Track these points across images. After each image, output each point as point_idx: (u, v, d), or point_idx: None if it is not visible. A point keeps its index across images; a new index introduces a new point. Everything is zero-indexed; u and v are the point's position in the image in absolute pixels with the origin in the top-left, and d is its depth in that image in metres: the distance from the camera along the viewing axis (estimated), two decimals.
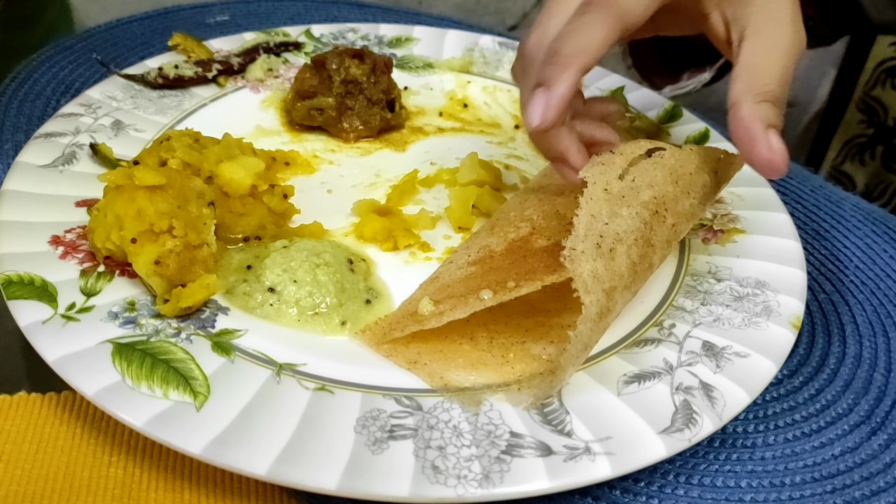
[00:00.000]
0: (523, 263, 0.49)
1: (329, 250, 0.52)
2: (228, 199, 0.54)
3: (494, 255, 0.51)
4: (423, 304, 0.48)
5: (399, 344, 0.48)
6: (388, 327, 0.49)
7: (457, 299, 0.48)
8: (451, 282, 0.50)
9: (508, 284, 0.47)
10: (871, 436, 0.49)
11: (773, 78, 0.47)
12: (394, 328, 0.48)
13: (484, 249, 0.52)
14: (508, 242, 0.52)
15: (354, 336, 0.48)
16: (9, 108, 0.68)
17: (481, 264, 0.51)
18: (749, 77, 0.47)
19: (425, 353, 0.47)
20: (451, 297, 0.49)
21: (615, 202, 0.47)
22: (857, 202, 0.70)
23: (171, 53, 0.73)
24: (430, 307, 0.48)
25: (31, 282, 0.47)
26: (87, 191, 0.55)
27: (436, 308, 0.48)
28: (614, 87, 0.76)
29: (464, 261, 0.52)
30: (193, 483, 0.42)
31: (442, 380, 0.46)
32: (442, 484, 0.39)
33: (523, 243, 0.52)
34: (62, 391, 0.46)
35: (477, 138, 0.71)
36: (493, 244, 0.52)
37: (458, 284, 0.50)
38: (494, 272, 0.49)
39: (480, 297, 0.47)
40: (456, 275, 0.51)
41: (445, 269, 0.52)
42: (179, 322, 0.47)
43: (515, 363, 0.47)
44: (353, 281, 0.51)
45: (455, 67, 0.78)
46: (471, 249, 0.53)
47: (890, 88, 1.16)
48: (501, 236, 0.53)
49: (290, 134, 0.68)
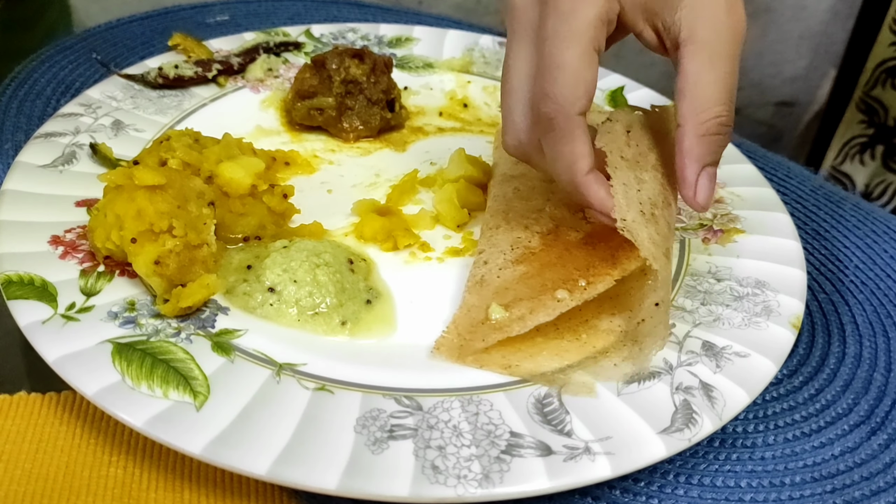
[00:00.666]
0: (573, 258, 0.51)
1: (329, 250, 0.52)
2: (228, 199, 0.54)
3: (535, 251, 0.52)
4: (494, 310, 0.48)
5: (482, 353, 0.47)
6: (463, 339, 0.48)
7: (530, 301, 0.48)
8: (507, 284, 0.50)
9: (580, 283, 0.48)
10: (870, 436, 0.49)
11: (717, 96, 0.45)
12: (471, 339, 0.48)
13: (519, 246, 0.52)
14: (541, 237, 0.53)
15: (433, 355, 0.48)
16: (9, 108, 0.68)
17: (528, 262, 0.51)
18: (693, 96, 0.45)
19: (509, 355, 0.47)
20: (519, 299, 0.49)
21: (634, 168, 0.48)
22: (857, 202, 0.70)
23: (171, 53, 0.73)
24: (502, 313, 0.48)
25: (31, 282, 0.47)
26: (87, 191, 0.55)
27: (510, 314, 0.48)
28: (614, 87, 0.76)
29: (503, 260, 0.52)
30: (193, 483, 0.42)
31: (543, 376, 0.46)
32: (442, 484, 0.39)
33: (555, 238, 0.53)
34: (62, 391, 0.46)
35: (477, 138, 0.71)
36: (525, 240, 0.53)
37: (518, 286, 0.50)
38: (549, 269, 0.50)
39: (557, 298, 0.48)
40: (507, 276, 0.51)
41: (487, 271, 0.52)
42: (179, 322, 0.47)
43: (592, 341, 0.48)
44: (354, 281, 0.51)
45: (455, 67, 0.78)
46: (500, 247, 0.53)
47: (890, 88, 1.16)
48: (527, 231, 0.53)
49: (290, 134, 0.68)
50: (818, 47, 1.38)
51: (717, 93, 0.45)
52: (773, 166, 0.73)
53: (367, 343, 0.49)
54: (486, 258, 0.53)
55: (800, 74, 1.40)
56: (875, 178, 1.20)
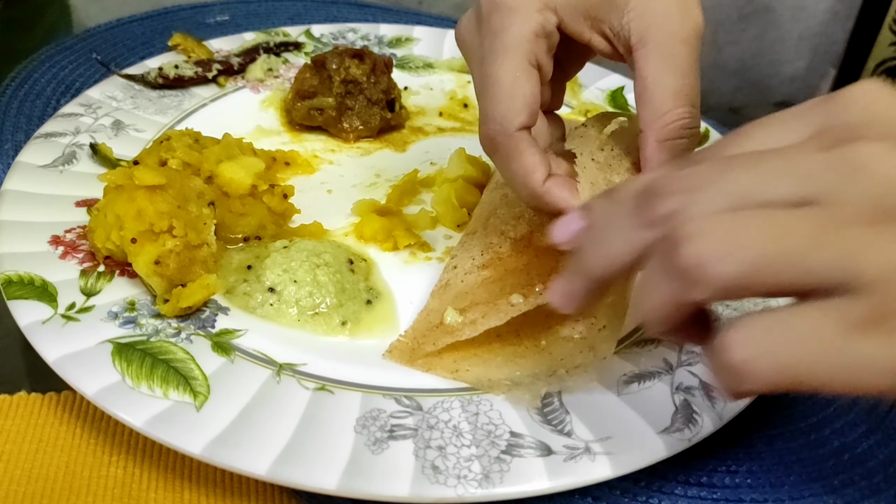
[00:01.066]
0: (539, 264, 0.49)
1: (329, 250, 0.52)
2: (228, 199, 0.54)
3: (503, 256, 0.51)
4: (449, 314, 0.48)
5: (433, 357, 0.47)
6: (416, 342, 0.48)
7: (484, 306, 0.48)
8: (468, 288, 0.50)
9: (537, 289, 0.47)
10: (869, 434, 0.49)
11: (676, 98, 0.43)
12: (423, 343, 0.48)
13: (489, 251, 0.52)
14: (512, 242, 0.52)
15: (385, 357, 0.48)
16: (9, 108, 0.68)
17: (493, 267, 0.51)
18: (651, 100, 0.43)
19: (461, 360, 0.47)
20: (475, 304, 0.48)
21: (605, 170, 0.47)
22: None
23: (171, 53, 0.73)
24: (457, 317, 0.48)
25: (31, 282, 0.47)
26: (87, 191, 0.55)
27: (464, 318, 0.48)
28: (614, 87, 0.76)
29: (470, 265, 0.52)
30: (193, 483, 0.42)
31: (490, 382, 0.45)
32: (442, 484, 0.39)
33: (527, 244, 0.52)
34: (62, 391, 0.46)
35: (477, 138, 0.71)
36: (496, 245, 0.52)
37: (477, 291, 0.49)
38: (512, 275, 0.49)
39: (511, 303, 0.47)
40: (470, 280, 0.50)
41: (454, 276, 0.52)
42: (179, 322, 0.47)
43: (551, 348, 0.47)
44: (354, 281, 0.51)
45: (455, 67, 0.78)
46: (472, 252, 0.53)
47: None
48: (501, 236, 0.53)
49: (290, 134, 0.68)
50: (818, 47, 1.38)
51: (675, 95, 0.43)
52: None
53: (367, 343, 0.49)
54: (456, 263, 0.53)
55: (799, 74, 1.40)
56: None
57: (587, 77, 0.77)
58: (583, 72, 0.78)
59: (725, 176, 0.31)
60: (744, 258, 0.29)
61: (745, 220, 0.29)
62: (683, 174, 0.32)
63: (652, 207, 0.32)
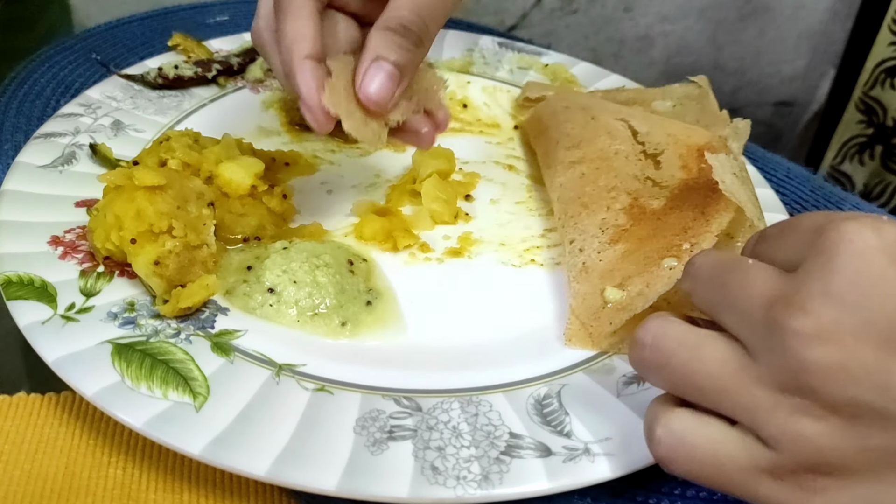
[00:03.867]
0: (667, 225, 0.51)
1: (329, 251, 0.52)
2: (228, 200, 0.54)
3: (626, 227, 0.52)
4: (610, 292, 0.49)
5: (612, 337, 0.48)
6: (589, 327, 0.49)
7: (640, 277, 0.48)
8: (611, 265, 0.51)
9: (684, 247, 0.48)
10: None
11: (406, 4, 0.47)
12: (599, 325, 0.48)
13: (608, 228, 0.53)
14: (626, 214, 0.53)
15: (568, 346, 0.49)
16: (9, 108, 0.68)
17: (624, 240, 0.51)
18: (387, 8, 0.47)
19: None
20: (629, 277, 0.49)
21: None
22: (857, 202, 0.70)
23: (171, 53, 0.73)
24: (619, 294, 0.48)
25: (31, 282, 0.47)
26: (86, 191, 0.55)
27: (627, 292, 0.48)
28: (614, 87, 0.76)
29: (598, 243, 0.52)
30: (193, 483, 0.42)
31: None
32: (441, 485, 0.39)
33: (640, 211, 0.53)
34: (61, 392, 0.46)
35: (476, 138, 0.71)
36: (612, 220, 0.53)
37: (623, 265, 0.50)
38: (649, 241, 0.50)
39: (668, 266, 0.48)
40: (609, 257, 0.51)
41: (588, 258, 0.52)
42: (179, 322, 0.47)
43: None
44: (354, 282, 0.51)
45: (455, 68, 0.78)
46: (591, 232, 0.53)
47: (889, 88, 1.16)
48: (608, 211, 0.54)
49: (290, 134, 0.68)
50: (817, 47, 1.38)
51: (407, 3, 0.47)
52: (773, 167, 0.73)
53: (366, 344, 0.49)
54: (581, 245, 0.53)
55: (799, 74, 1.40)
56: (874, 178, 1.20)
57: (587, 77, 0.78)
58: (583, 72, 0.79)
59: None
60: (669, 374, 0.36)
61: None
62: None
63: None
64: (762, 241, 0.37)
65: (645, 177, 0.55)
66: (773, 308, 0.32)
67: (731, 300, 0.34)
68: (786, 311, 0.31)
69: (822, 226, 0.32)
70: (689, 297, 0.38)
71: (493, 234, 0.59)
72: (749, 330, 0.33)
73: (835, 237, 0.31)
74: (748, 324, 0.33)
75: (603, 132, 0.59)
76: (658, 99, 0.62)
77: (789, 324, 0.31)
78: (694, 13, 1.29)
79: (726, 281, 0.35)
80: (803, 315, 0.31)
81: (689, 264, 0.38)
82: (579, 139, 0.60)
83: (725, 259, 0.36)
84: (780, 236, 0.36)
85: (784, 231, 0.35)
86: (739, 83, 1.42)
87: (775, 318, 0.31)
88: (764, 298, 0.32)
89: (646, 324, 0.36)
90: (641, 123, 0.59)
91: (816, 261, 0.31)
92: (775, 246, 0.35)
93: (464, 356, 0.49)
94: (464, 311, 0.52)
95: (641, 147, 0.58)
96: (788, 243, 0.35)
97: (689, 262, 0.38)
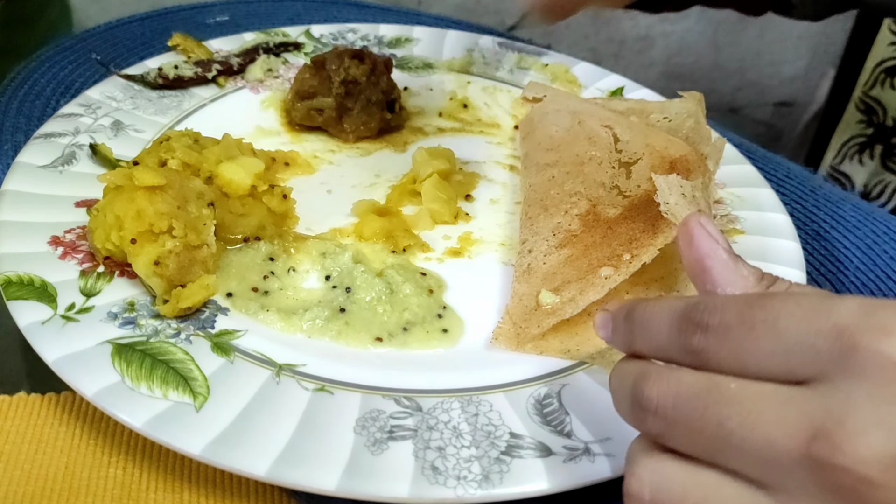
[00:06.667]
0: (615, 235, 0.51)
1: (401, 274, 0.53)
2: (228, 200, 0.54)
3: (577, 233, 0.52)
4: (544, 296, 0.49)
5: (539, 340, 0.48)
6: (518, 328, 0.49)
7: (577, 283, 0.49)
8: (553, 269, 0.51)
9: (624, 258, 0.48)
10: None
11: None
12: (526, 327, 0.49)
13: (560, 231, 0.53)
14: (580, 220, 0.53)
15: (492, 345, 0.49)
16: (9, 108, 0.68)
17: (571, 245, 0.52)
18: None
19: (567, 340, 0.48)
20: (567, 282, 0.49)
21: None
22: (856, 202, 0.70)
23: (171, 53, 0.73)
24: (553, 298, 0.49)
25: (31, 282, 0.47)
26: (86, 191, 0.55)
27: (561, 297, 0.49)
28: (614, 87, 0.76)
29: (546, 246, 0.52)
30: (193, 483, 0.42)
31: (604, 357, 0.46)
32: (441, 485, 0.39)
33: (595, 218, 0.53)
34: (62, 391, 0.46)
35: (476, 138, 0.71)
36: (565, 224, 0.53)
37: (564, 269, 0.50)
38: (594, 249, 0.51)
39: (604, 276, 0.48)
40: (553, 261, 0.51)
41: (533, 259, 0.52)
42: (179, 322, 0.47)
43: None
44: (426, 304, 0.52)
45: (455, 68, 0.78)
46: (542, 234, 0.53)
47: (889, 88, 1.16)
48: (565, 215, 0.54)
49: (290, 134, 0.68)
50: (817, 47, 1.38)
51: None
52: (773, 166, 0.73)
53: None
54: (530, 247, 0.53)
55: (799, 74, 1.40)
56: (874, 177, 1.20)
57: (587, 77, 0.78)
58: (583, 72, 0.79)
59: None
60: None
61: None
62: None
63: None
64: (723, 339, 0.30)
65: (612, 185, 0.55)
66: (812, 445, 0.27)
67: (736, 442, 0.29)
68: (834, 451, 0.26)
69: (841, 334, 0.28)
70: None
71: (493, 234, 0.59)
72: (774, 472, 0.28)
73: (875, 357, 0.27)
74: (771, 466, 0.28)
75: (584, 137, 0.59)
76: (656, 112, 0.62)
77: (839, 461, 0.26)
78: (694, 14, 1.29)
79: (720, 419, 0.29)
80: (858, 450, 0.26)
81: (645, 399, 0.31)
82: (559, 142, 0.60)
83: (698, 388, 0.30)
84: (753, 338, 0.29)
85: (758, 332, 0.29)
86: (739, 83, 1.42)
87: (820, 457, 0.27)
88: (792, 438, 0.27)
89: (636, 471, 0.32)
90: (625, 131, 0.58)
91: (858, 384, 0.27)
92: (752, 351, 0.29)
93: (464, 356, 0.49)
94: (464, 311, 0.52)
95: (618, 155, 0.57)
96: (784, 349, 0.29)
97: (642, 396, 0.31)
